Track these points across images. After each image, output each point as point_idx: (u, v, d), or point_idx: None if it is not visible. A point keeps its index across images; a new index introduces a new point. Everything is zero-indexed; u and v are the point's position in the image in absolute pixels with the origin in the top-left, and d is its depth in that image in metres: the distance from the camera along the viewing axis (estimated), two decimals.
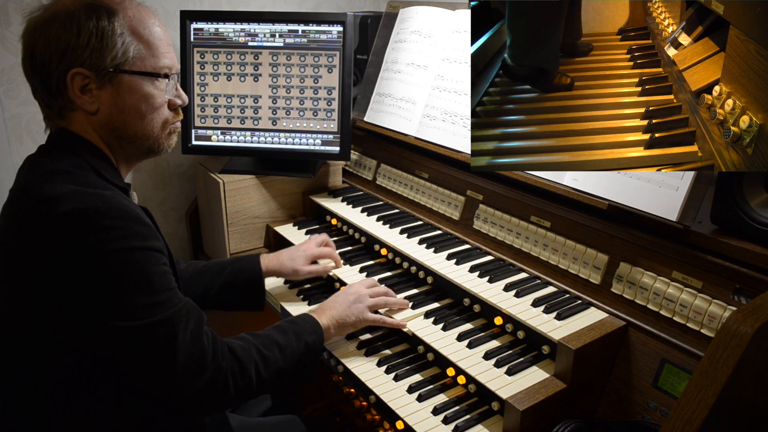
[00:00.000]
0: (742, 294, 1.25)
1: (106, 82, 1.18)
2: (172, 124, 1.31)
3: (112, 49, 1.17)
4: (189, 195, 2.54)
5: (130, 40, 1.19)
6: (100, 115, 1.21)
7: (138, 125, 1.24)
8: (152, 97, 1.24)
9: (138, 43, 1.20)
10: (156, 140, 1.29)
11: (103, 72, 1.17)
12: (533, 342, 1.44)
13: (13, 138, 2.14)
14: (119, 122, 1.23)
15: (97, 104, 1.20)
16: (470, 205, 1.85)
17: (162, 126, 1.28)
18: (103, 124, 1.22)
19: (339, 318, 1.51)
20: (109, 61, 1.17)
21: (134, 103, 1.22)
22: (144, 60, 1.21)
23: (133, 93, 1.21)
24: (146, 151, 1.30)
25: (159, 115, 1.27)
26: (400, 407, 1.36)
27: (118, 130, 1.23)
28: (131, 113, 1.23)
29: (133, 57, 1.20)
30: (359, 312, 1.53)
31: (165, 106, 1.28)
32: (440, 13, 2.07)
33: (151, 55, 1.22)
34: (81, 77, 1.16)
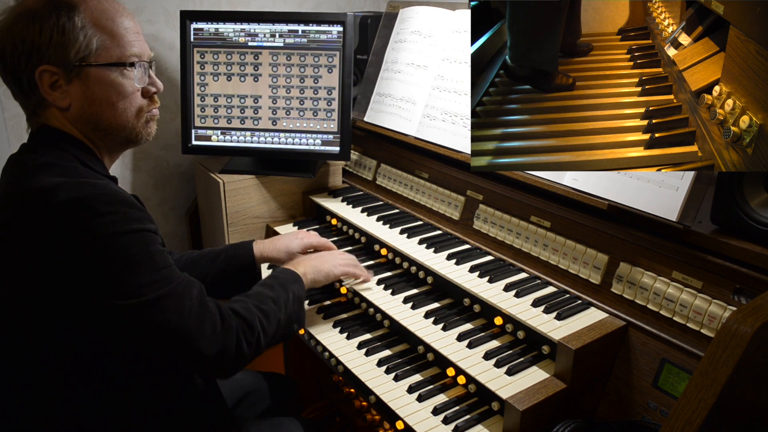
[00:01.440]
0: (742, 294, 1.25)
1: (73, 77, 1.20)
2: (147, 112, 1.32)
3: (75, 43, 1.18)
4: (189, 195, 2.54)
5: (93, 32, 1.20)
6: (73, 110, 1.23)
7: (111, 116, 1.25)
8: (121, 86, 1.25)
9: (101, 34, 1.21)
10: (132, 129, 1.30)
11: (69, 67, 1.19)
12: (533, 342, 1.44)
13: (13, 138, 2.14)
14: (92, 115, 1.24)
15: (68, 99, 1.21)
16: (470, 205, 1.85)
17: (136, 114, 1.29)
18: (78, 117, 1.24)
19: (313, 267, 1.58)
20: (74, 56, 1.18)
21: (104, 95, 1.23)
22: (109, 50, 1.22)
23: (102, 84, 1.23)
24: (125, 141, 1.31)
25: (131, 104, 1.27)
26: (400, 407, 1.37)
27: (92, 122, 1.25)
28: (103, 105, 1.24)
29: (97, 49, 1.20)
30: (331, 265, 1.62)
31: (137, 94, 1.28)
32: (440, 13, 2.07)
33: (116, 45, 1.23)
34: (49, 74, 1.18)
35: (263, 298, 1.38)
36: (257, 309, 1.32)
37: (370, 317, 1.70)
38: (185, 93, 2.09)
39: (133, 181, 2.39)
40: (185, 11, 2.08)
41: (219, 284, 1.68)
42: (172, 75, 2.34)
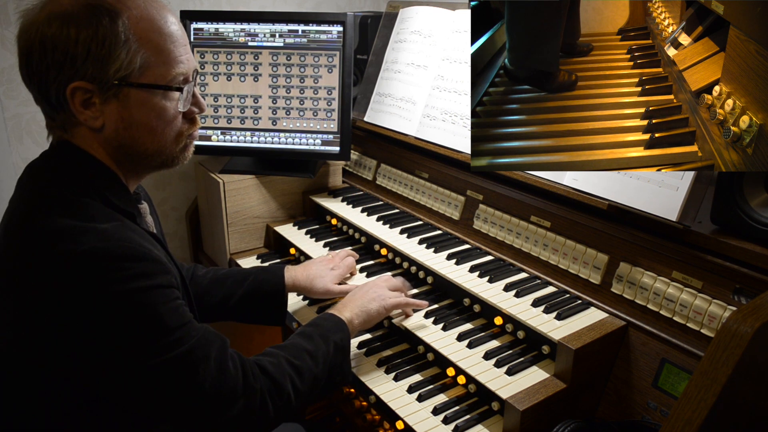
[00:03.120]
0: (742, 294, 1.25)
1: (110, 97, 1.07)
2: (187, 137, 1.19)
3: (116, 60, 1.04)
4: (189, 195, 2.54)
5: (137, 48, 1.06)
6: (106, 132, 1.10)
7: (148, 141, 1.13)
8: (164, 110, 1.12)
9: (146, 50, 1.07)
10: (169, 155, 1.17)
11: (107, 85, 1.05)
12: (533, 342, 1.44)
13: (13, 138, 2.14)
14: (127, 139, 1.11)
15: (101, 120, 1.08)
16: (470, 205, 1.85)
17: (175, 139, 1.17)
18: (110, 140, 1.11)
19: (361, 308, 1.44)
20: (113, 73, 1.05)
21: (144, 119, 1.10)
22: (153, 69, 1.08)
23: (142, 107, 1.09)
24: (158, 166, 1.20)
25: (172, 129, 1.15)
26: (400, 407, 1.36)
27: (126, 146, 1.12)
28: (141, 129, 1.11)
29: (141, 67, 1.07)
30: (381, 300, 1.48)
31: (179, 118, 1.16)
32: (440, 13, 2.07)
33: (161, 63, 1.09)
34: (82, 92, 1.05)
35: (299, 351, 1.25)
36: (290, 365, 1.21)
37: None
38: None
39: None
40: (185, 11, 2.08)
41: (243, 308, 1.58)
42: None
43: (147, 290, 1.02)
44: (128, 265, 1.01)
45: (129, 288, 1.00)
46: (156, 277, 1.04)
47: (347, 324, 1.39)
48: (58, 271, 0.98)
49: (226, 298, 1.58)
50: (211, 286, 1.60)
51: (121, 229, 1.05)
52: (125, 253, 1.01)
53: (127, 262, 1.01)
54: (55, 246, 0.99)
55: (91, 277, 0.98)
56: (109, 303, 0.99)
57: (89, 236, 1.00)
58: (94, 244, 0.99)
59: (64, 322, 1.00)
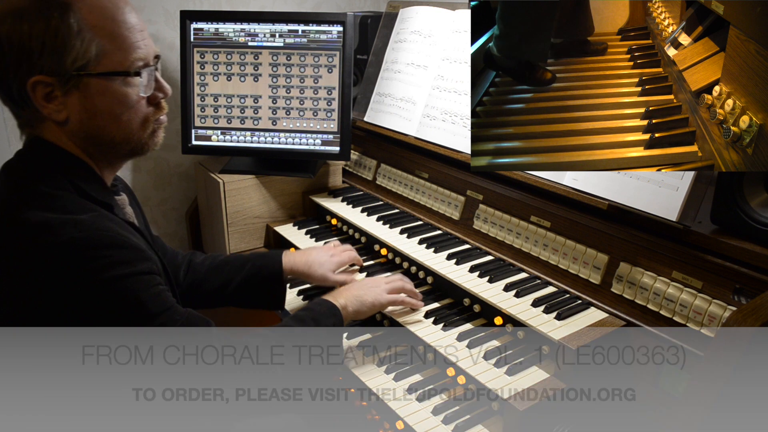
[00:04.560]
0: (742, 294, 1.25)
1: (71, 88, 1.07)
2: (154, 121, 1.20)
3: (71, 50, 1.05)
4: (189, 195, 2.54)
5: (91, 36, 1.06)
6: (72, 124, 1.11)
7: (114, 129, 1.14)
8: (125, 96, 1.12)
9: (100, 38, 1.07)
10: (137, 141, 1.18)
11: (66, 76, 1.06)
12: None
13: (13, 138, 2.13)
14: (93, 128, 1.12)
15: (65, 112, 1.10)
16: (470, 205, 1.85)
17: (141, 125, 1.17)
18: (76, 132, 1.12)
19: (356, 297, 1.45)
20: (70, 64, 1.05)
21: (106, 106, 1.11)
22: (110, 56, 1.08)
23: (104, 96, 1.10)
24: (128, 153, 1.21)
25: (136, 114, 1.15)
26: (400, 407, 1.36)
27: (93, 136, 1.13)
28: (105, 118, 1.12)
29: (97, 55, 1.07)
30: (377, 294, 1.49)
31: (142, 103, 1.16)
32: (440, 13, 2.07)
33: (117, 49, 1.09)
34: (42, 85, 1.06)
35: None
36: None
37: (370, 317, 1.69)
38: (185, 93, 2.09)
39: (133, 181, 2.39)
40: (185, 11, 2.08)
41: (243, 293, 1.60)
42: (172, 75, 2.34)
43: (127, 277, 1.03)
44: (108, 253, 1.02)
45: (110, 276, 1.01)
46: (136, 264, 1.06)
47: (340, 310, 1.40)
48: (39, 263, 0.99)
49: (224, 285, 1.59)
50: (209, 273, 1.61)
51: (99, 218, 1.06)
52: (104, 242, 1.02)
53: (107, 250, 1.02)
54: (34, 239, 1.00)
55: (72, 267, 0.99)
56: (92, 292, 1.01)
57: (67, 227, 1.01)
58: (72, 235, 1.00)
59: (48, 313, 1.01)
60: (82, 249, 1.00)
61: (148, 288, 1.07)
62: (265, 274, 1.61)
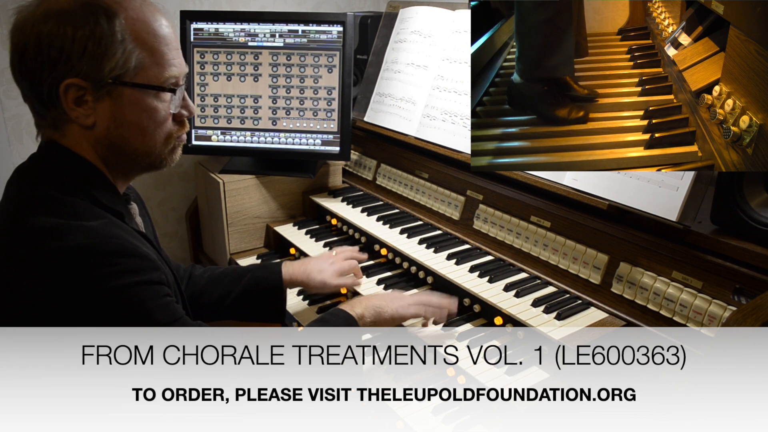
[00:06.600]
0: (742, 294, 1.25)
1: (103, 95, 1.08)
2: (176, 138, 1.21)
3: (111, 58, 1.06)
4: (189, 195, 2.54)
5: (132, 47, 1.08)
6: (97, 130, 1.11)
7: (138, 141, 1.15)
8: (155, 111, 1.13)
9: (141, 50, 1.09)
10: (158, 156, 1.19)
11: (101, 83, 1.07)
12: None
13: (13, 138, 2.14)
14: (117, 138, 1.13)
15: (93, 117, 1.10)
16: (470, 205, 1.85)
17: (165, 140, 1.18)
18: (100, 138, 1.12)
19: (374, 307, 1.39)
20: (108, 72, 1.06)
21: (135, 118, 1.12)
22: (147, 70, 1.10)
23: (135, 107, 1.11)
24: (146, 166, 1.22)
25: (162, 130, 1.16)
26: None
27: (116, 145, 1.14)
28: (131, 129, 1.13)
29: (135, 67, 1.09)
30: (397, 306, 1.42)
31: (169, 120, 1.17)
32: (440, 13, 2.07)
33: (155, 64, 1.11)
34: (76, 89, 1.06)
35: None
36: None
37: None
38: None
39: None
40: (185, 11, 2.08)
41: (241, 306, 1.57)
42: None
43: (136, 286, 1.02)
44: (116, 261, 1.01)
45: (118, 284, 1.00)
46: (145, 273, 1.04)
47: (357, 320, 1.35)
48: (46, 268, 0.99)
49: (223, 297, 1.57)
50: (208, 286, 1.59)
51: (108, 226, 1.05)
52: (113, 249, 1.01)
53: (116, 257, 1.01)
54: (42, 244, 0.99)
55: (80, 274, 0.98)
56: (98, 299, 1.00)
57: (75, 233, 1.00)
58: (80, 241, 0.99)
59: (53, 319, 1.00)
60: (90, 255, 0.99)
61: (155, 298, 1.06)
62: (264, 285, 1.58)
